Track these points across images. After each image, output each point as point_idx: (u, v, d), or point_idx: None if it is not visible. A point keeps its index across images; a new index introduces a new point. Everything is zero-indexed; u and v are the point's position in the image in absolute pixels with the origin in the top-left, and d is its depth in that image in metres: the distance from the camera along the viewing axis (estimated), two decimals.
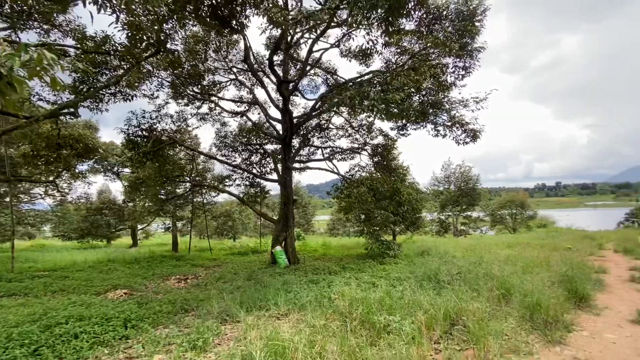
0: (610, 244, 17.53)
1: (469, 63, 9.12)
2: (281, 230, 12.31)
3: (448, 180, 29.87)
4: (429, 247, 14.61)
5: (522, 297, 5.07)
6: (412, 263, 10.94)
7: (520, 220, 40.78)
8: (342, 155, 17.14)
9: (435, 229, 30.74)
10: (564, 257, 10.21)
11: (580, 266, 8.69)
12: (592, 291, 6.25)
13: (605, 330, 4.43)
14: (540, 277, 7.20)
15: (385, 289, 5.82)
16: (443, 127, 10.27)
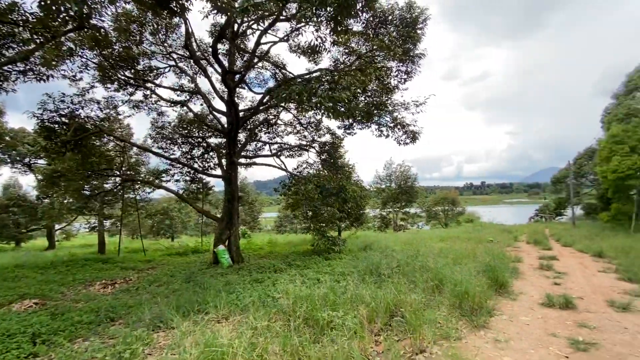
0: (523, 236, 20.14)
1: (411, 68, 9.66)
2: (225, 228, 11.78)
3: (389, 179, 31.61)
4: (371, 242, 15.24)
5: (453, 287, 5.50)
6: (355, 258, 11.29)
7: (451, 216, 44.84)
8: (290, 152, 17.01)
9: (378, 224, 32.27)
10: (487, 249, 11.42)
11: (500, 256, 9.80)
12: (509, 279, 7.06)
13: (521, 313, 5.02)
14: (468, 268, 7.92)
15: (329, 284, 5.88)
16: (386, 128, 10.75)
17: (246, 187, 38.56)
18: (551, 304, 5.28)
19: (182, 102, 14.53)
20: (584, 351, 3.60)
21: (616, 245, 12.43)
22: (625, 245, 12.03)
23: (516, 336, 4.10)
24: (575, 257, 11.29)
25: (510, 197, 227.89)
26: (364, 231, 30.76)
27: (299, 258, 12.11)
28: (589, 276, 7.82)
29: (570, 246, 14.48)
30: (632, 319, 4.62)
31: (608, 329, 4.25)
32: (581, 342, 3.79)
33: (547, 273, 8.21)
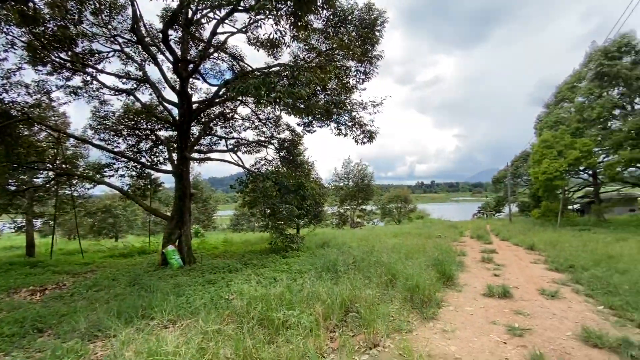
0: (468, 232, 21.76)
1: (369, 69, 9.88)
2: (175, 227, 11.10)
3: (348, 177, 32.29)
4: (329, 239, 15.41)
5: (405, 281, 5.72)
6: (313, 255, 11.30)
7: (404, 213, 47.07)
8: (248, 148, 16.54)
9: (335, 221, 32.79)
10: (435, 244, 12.12)
11: (448, 251, 10.45)
12: (456, 272, 7.54)
13: (466, 304, 5.36)
14: (419, 262, 8.30)
15: (286, 283, 5.78)
16: (345, 127, 10.89)
17: (200, 184, 36.85)
18: (492, 294, 5.71)
19: (128, 90, 13.38)
20: (520, 336, 3.92)
21: (545, 239, 13.92)
22: (553, 239, 13.53)
23: (461, 326, 4.36)
24: (511, 250, 12.43)
25: (457, 195, 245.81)
26: (323, 228, 31.05)
27: (255, 257, 11.83)
28: (523, 267, 8.64)
29: (508, 240, 15.94)
30: (559, 305, 5.16)
31: (539, 315, 4.70)
32: (517, 328, 4.13)
33: (488, 265, 8.90)
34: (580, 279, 6.79)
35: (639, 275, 6.88)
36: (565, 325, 4.26)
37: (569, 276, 7.22)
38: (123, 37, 12.24)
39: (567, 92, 23.32)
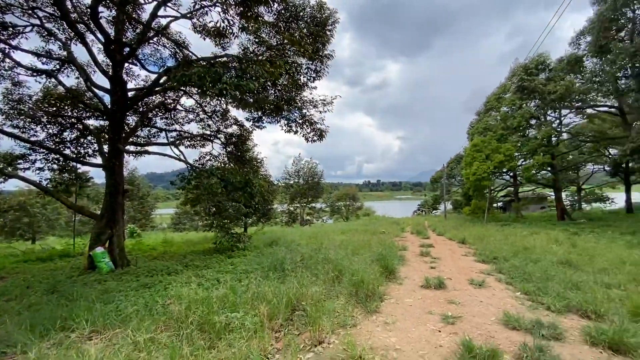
0: (409, 228, 23.19)
1: (320, 67, 9.93)
2: (105, 226, 10.01)
3: (298, 175, 32.30)
4: (277, 237, 15.23)
5: (351, 277, 5.86)
6: (261, 254, 11.06)
7: (351, 210, 48.61)
8: (192, 142, 15.59)
9: (285, 219, 32.60)
10: (380, 240, 12.69)
11: (390, 246, 11.00)
12: (397, 265, 7.95)
13: (405, 296, 5.66)
14: (364, 257, 8.61)
15: (230, 284, 5.55)
16: (295, 124, 10.81)
17: (136, 179, 33.84)
18: (429, 286, 6.12)
19: (48, 71, 11.68)
20: (452, 324, 4.25)
21: (474, 233, 15.41)
22: (480, 234, 15.04)
23: (402, 317, 4.59)
24: (446, 244, 13.53)
25: (400, 193, 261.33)
26: (272, 227, 30.65)
27: (198, 258, 11.20)
28: (456, 260, 9.44)
29: (443, 235, 17.33)
30: (485, 293, 5.72)
31: (469, 303, 5.15)
32: (450, 316, 4.47)
33: (425, 259, 9.56)
34: (502, 269, 7.62)
35: (547, 264, 7.96)
36: (490, 311, 4.73)
37: (493, 266, 8.06)
38: (44, 10, 10.66)
39: (494, 102, 26.07)
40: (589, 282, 6.19)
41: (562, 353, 3.35)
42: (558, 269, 7.26)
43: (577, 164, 29.81)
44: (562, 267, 7.55)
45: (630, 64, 11.33)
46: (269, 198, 19.04)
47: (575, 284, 5.99)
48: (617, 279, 6.44)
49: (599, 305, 4.61)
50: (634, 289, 5.84)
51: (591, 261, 8.12)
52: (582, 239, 11.92)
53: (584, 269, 7.48)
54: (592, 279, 6.39)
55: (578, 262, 8.08)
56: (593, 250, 9.51)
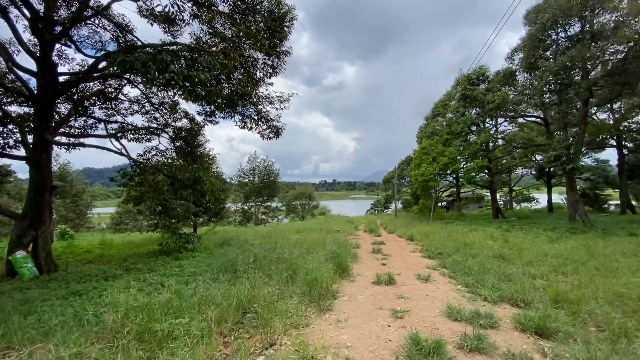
0: (362, 226, 23.88)
1: (277, 63, 9.74)
2: (28, 227, 8.80)
3: (253, 173, 31.51)
4: (230, 237, 14.70)
5: (305, 276, 5.82)
6: (211, 255, 10.58)
7: (307, 210, 48.81)
8: (136, 135, 14.37)
9: (239, 219, 31.64)
10: (334, 238, 12.86)
11: (344, 244, 11.19)
12: (350, 263, 8.10)
13: (358, 293, 5.77)
14: (319, 256, 8.64)
15: (175, 288, 5.18)
16: (250, 120, 10.49)
17: (68, 175, 30.37)
18: (380, 282, 6.31)
19: None
20: (401, 319, 4.42)
21: (421, 231, 16.33)
22: (427, 231, 15.98)
23: (353, 314, 4.66)
24: (396, 241, 14.15)
25: (355, 193, 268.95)
26: (225, 226, 29.53)
27: (141, 261, 10.36)
28: (405, 256, 9.89)
29: (393, 233, 18.12)
30: (431, 287, 6.04)
31: (416, 297, 5.40)
32: (399, 311, 4.64)
33: (377, 256, 9.88)
34: (445, 264, 8.14)
35: (484, 258, 8.67)
36: (435, 305, 5.00)
37: (438, 262, 8.58)
38: None
39: (441, 109, 27.94)
40: (519, 273, 6.85)
41: (497, 340, 3.64)
42: (493, 263, 7.93)
43: (509, 168, 33.14)
44: (496, 261, 8.27)
45: (553, 81, 12.87)
46: (222, 196, 18.29)
47: (507, 276, 6.60)
48: (541, 270, 7.21)
49: (526, 295, 5.11)
50: (554, 278, 6.60)
51: (520, 255, 9.02)
52: (513, 235, 13.24)
53: (515, 262, 8.28)
54: (521, 271, 7.08)
55: (509, 256, 8.92)
56: (522, 245, 10.59)
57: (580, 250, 9.22)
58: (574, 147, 15.67)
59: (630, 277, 5.93)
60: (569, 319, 4.18)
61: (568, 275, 6.95)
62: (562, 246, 10.05)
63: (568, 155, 15.23)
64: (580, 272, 6.90)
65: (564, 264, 7.61)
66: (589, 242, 10.32)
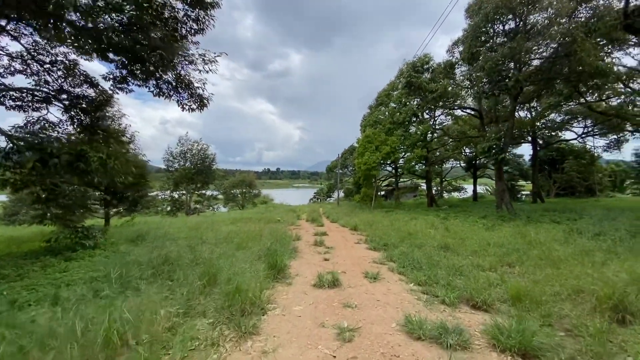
0: (304, 215, 22.91)
1: (202, 16, 7.85)
2: None
3: (184, 157, 28.10)
4: (148, 230, 12.42)
5: (226, 283, 4.45)
6: (115, 254, 8.48)
7: (248, 198, 46.41)
8: (18, 102, 11.11)
9: (168, 208, 28.30)
10: (273, 230, 11.54)
11: (283, 236, 9.96)
12: (288, 260, 6.91)
13: (295, 302, 4.57)
14: (251, 252, 7.28)
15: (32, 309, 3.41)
16: (167, 86, 8.46)
17: None
18: (322, 284, 5.22)
19: None
20: (350, 342, 3.32)
21: (364, 220, 15.87)
22: (370, 220, 15.56)
23: (287, 338, 3.45)
24: (339, 231, 13.37)
25: (298, 182, 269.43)
26: (150, 217, 26.09)
27: (14, 263, 7.83)
28: (349, 248, 9.03)
29: (336, 222, 17.44)
30: (381, 289, 5.14)
31: (366, 304, 4.40)
32: (346, 329, 3.55)
33: (319, 249, 8.84)
34: (392, 256, 7.42)
35: (430, 249, 8.20)
36: (389, 314, 4.04)
37: (384, 254, 7.84)
38: None
39: (384, 98, 28.01)
40: (468, 266, 6.38)
41: None
42: (440, 254, 7.46)
43: (443, 159, 35.10)
44: (442, 252, 7.83)
45: (493, 70, 13.14)
46: (141, 182, 15.57)
47: (457, 269, 6.05)
48: (488, 260, 6.88)
49: (484, 294, 4.47)
50: (503, 270, 6.26)
51: (463, 244, 8.77)
52: (451, 223, 13.38)
53: (460, 252, 7.94)
54: (469, 263, 6.65)
55: (454, 245, 8.61)
56: (462, 233, 10.52)
57: (517, 238, 9.33)
58: (503, 140, 16.52)
59: (577, 267, 5.75)
60: (545, 327, 3.53)
61: (515, 266, 6.70)
62: (499, 234, 10.16)
63: (499, 146, 15.98)
64: (525, 262, 6.69)
65: (507, 254, 7.41)
66: (521, 230, 10.63)
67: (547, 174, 37.18)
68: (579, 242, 8.06)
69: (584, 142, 31.63)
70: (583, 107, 22.47)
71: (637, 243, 7.58)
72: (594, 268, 5.64)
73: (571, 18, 12.83)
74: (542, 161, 35.18)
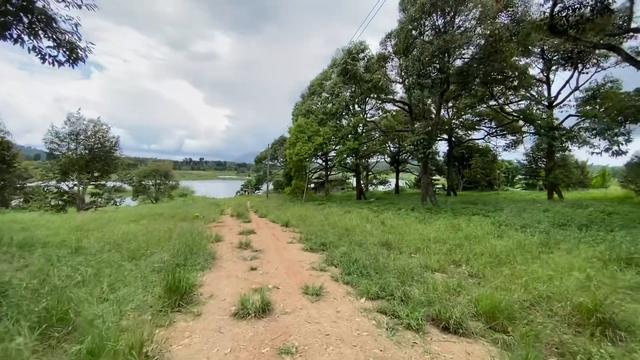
0: (229, 209, 20.65)
1: None
2: None
3: (75, 139, 22.55)
4: (3, 233, 9.03)
5: (84, 331, 2.65)
6: None
7: (164, 190, 41.12)
8: None
9: (52, 202, 22.71)
10: (185, 230, 9.42)
11: (199, 238, 8.03)
12: (200, 274, 5.19)
13: (203, 349, 2.97)
14: (147, 265, 5.34)
15: None
16: (23, 27, 5.74)
17: None
18: (246, 312, 3.70)
19: None
20: None
21: (296, 214, 14.63)
22: (302, 214, 14.38)
23: None
24: (269, 228, 11.85)
25: (224, 173, 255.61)
26: (27, 213, 20.52)
27: None
28: (282, 250, 7.63)
29: (266, 217, 15.82)
30: (327, 312, 3.87)
31: (311, 344, 3.06)
32: None
33: (245, 253, 7.22)
34: (334, 259, 6.30)
35: (371, 246, 7.35)
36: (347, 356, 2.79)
37: (324, 256, 6.68)
38: None
39: (317, 87, 27.08)
40: (416, 267, 5.62)
41: None
42: (384, 253, 6.65)
43: (371, 153, 36.05)
44: (385, 250, 7.06)
45: (429, 63, 13.11)
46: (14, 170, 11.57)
47: (408, 272, 5.20)
48: (434, 259, 6.26)
49: (450, 310, 3.57)
50: (452, 269, 5.67)
51: (404, 240, 8.17)
52: (386, 216, 13.00)
53: (403, 250, 7.28)
54: (416, 263, 5.92)
55: (394, 242, 7.95)
56: (399, 227, 10.04)
57: (453, 231, 9.15)
58: (430, 135, 16.98)
59: (525, 265, 5.40)
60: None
61: (461, 264, 6.20)
62: (434, 227, 9.95)
63: (427, 140, 16.34)
64: (471, 259, 6.25)
65: (451, 250, 6.95)
66: (452, 223, 10.63)
67: (457, 170, 41.34)
68: (511, 235, 8.09)
69: (488, 142, 35.77)
70: (491, 109, 25.01)
71: (560, 234, 7.88)
72: (542, 265, 5.37)
73: (495, 20, 13.42)
74: (454, 158, 38.93)
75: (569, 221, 9.60)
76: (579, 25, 9.30)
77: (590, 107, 17.31)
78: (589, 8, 9.26)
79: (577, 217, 10.35)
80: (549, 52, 18.13)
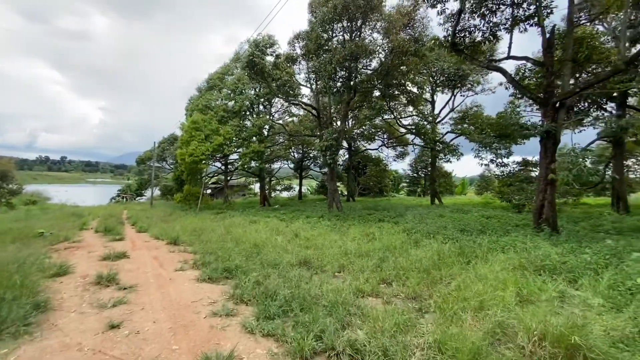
0: (95, 222, 16.12)
1: None
2: None
3: None
4: None
5: None
6: None
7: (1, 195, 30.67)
8: None
9: None
10: (11, 258, 6.18)
11: (27, 273, 5.16)
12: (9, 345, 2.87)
13: None
14: None
15: None
16: None
17: None
18: None
19: None
20: None
21: (189, 227, 12.09)
22: (197, 227, 11.93)
23: None
24: (150, 248, 9.13)
25: (95, 176, 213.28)
26: None
27: None
28: (166, 284, 5.50)
29: (146, 232, 12.62)
30: None
31: None
32: None
33: (104, 295, 4.82)
34: (244, 295, 4.67)
35: (288, 267, 6.05)
36: None
37: (230, 293, 4.90)
38: None
39: (217, 81, 24.35)
40: (347, 292, 4.60)
41: None
42: (305, 276, 5.44)
43: (275, 158, 34.84)
44: (306, 271, 5.84)
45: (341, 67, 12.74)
46: None
47: (341, 304, 4.12)
48: (362, 278, 5.37)
49: None
50: (391, 294, 4.82)
51: (323, 254, 7.14)
52: (297, 226, 11.79)
53: (325, 268, 6.23)
54: (346, 286, 4.89)
55: (314, 258, 6.83)
56: (314, 239, 8.97)
57: (369, 240, 8.64)
58: (337, 141, 16.84)
59: (459, 279, 4.94)
60: None
61: (392, 282, 5.46)
62: (349, 237, 9.28)
63: (336, 146, 16.07)
64: (402, 276, 5.58)
65: (377, 266, 6.20)
66: (365, 230, 10.20)
67: (354, 177, 44.06)
68: (426, 243, 7.94)
69: (381, 152, 39.15)
70: (386, 122, 27.11)
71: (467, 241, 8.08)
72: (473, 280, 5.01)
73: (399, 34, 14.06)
74: (349, 167, 41.35)
75: (466, 226, 10.33)
76: (473, 47, 10.20)
77: (466, 125, 20.23)
78: (480, 33, 10.27)
79: (470, 222, 11.32)
80: (436, 75, 20.55)
